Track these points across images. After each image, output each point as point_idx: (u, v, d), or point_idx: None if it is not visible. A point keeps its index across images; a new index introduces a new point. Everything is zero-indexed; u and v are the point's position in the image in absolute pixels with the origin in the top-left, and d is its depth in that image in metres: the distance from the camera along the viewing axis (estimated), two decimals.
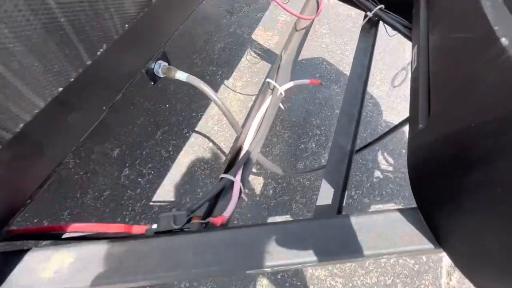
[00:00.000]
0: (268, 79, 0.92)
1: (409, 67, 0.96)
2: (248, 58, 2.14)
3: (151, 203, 1.53)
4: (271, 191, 1.56)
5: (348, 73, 2.01)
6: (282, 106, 1.02)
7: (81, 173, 1.60)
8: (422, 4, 0.79)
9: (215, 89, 1.97)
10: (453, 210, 0.45)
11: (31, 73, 0.36)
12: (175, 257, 0.51)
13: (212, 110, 1.84)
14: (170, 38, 0.86)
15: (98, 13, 0.41)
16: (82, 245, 0.53)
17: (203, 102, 1.87)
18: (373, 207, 1.53)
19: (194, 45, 2.26)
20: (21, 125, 0.38)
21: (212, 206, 0.74)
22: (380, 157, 1.67)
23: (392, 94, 1.88)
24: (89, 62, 0.42)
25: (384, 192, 1.56)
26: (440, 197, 0.48)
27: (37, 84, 0.37)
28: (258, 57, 2.14)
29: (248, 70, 2.05)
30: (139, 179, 1.59)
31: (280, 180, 1.59)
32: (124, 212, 1.49)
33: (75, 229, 0.62)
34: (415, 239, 0.51)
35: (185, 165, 1.64)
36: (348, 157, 0.79)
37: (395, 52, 2.12)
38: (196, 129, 1.77)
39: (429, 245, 0.50)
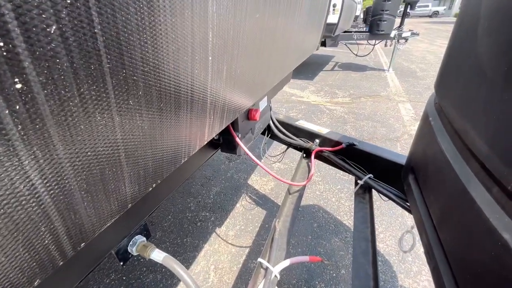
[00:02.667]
0: (260, 259, 0.79)
1: (414, 231, 0.86)
2: (243, 204, 2.11)
3: None
4: None
5: (346, 223, 1.91)
6: None
7: None
8: (413, 187, 0.80)
9: (206, 238, 1.80)
10: None
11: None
12: None
13: (197, 267, 1.58)
14: (153, 211, 0.81)
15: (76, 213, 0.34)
16: None
17: (189, 256, 1.65)
18: None
19: (190, 188, 2.31)
20: None
21: None
22: None
23: (403, 256, 1.69)
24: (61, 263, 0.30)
25: None
26: None
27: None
28: (253, 203, 2.12)
29: (242, 217, 1.96)
30: None
31: None
32: None
33: None
34: None
35: None
36: None
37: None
38: None
39: None
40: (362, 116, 3.72)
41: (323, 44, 5.11)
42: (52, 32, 0.24)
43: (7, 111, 0.23)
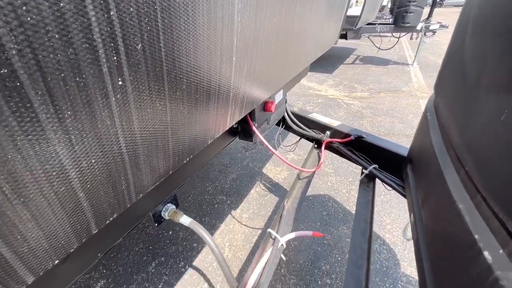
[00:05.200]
0: (269, 230, 0.92)
1: None
2: (257, 190, 2.25)
3: None
4: None
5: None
6: (283, 258, 0.97)
7: None
8: (410, 174, 0.88)
9: (222, 219, 1.97)
10: None
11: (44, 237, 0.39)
12: None
13: None
14: (183, 184, 0.96)
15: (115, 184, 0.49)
16: None
17: None
18: None
19: (209, 173, 2.48)
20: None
21: None
22: None
23: (407, 244, 1.76)
24: (95, 231, 0.45)
25: None
26: None
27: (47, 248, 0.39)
28: (267, 190, 2.26)
29: (255, 202, 2.11)
30: None
31: None
32: None
33: None
34: None
35: None
36: None
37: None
38: (194, 263, 1.63)
39: None
40: (380, 111, 3.69)
41: (344, 37, 5.03)
42: (138, 48, 0.37)
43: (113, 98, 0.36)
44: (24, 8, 0.24)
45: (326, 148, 1.43)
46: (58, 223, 0.39)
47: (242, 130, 1.18)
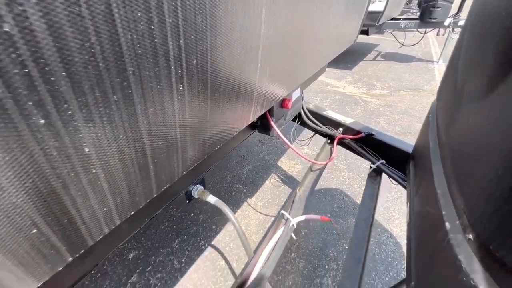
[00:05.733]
0: (282, 211, 1.06)
1: None
2: (272, 181, 2.39)
3: None
4: None
5: None
6: (294, 236, 1.10)
7: (92, 272, 1.61)
8: (411, 170, 0.98)
9: (238, 205, 2.14)
10: None
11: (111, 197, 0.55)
12: None
13: (231, 227, 1.93)
14: (211, 167, 1.12)
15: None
16: None
17: (224, 217, 2.00)
18: None
19: (227, 164, 2.66)
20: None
21: None
22: None
23: None
24: (155, 195, 0.61)
25: None
26: None
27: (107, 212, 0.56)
28: (281, 182, 2.39)
29: (270, 192, 2.26)
30: None
31: None
32: None
33: None
34: None
35: (193, 281, 1.58)
36: None
37: None
38: (213, 242, 1.81)
39: None
40: (399, 110, 3.67)
41: (365, 32, 4.96)
42: (194, 63, 0.51)
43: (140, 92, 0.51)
44: (136, 47, 0.39)
45: (338, 143, 1.53)
46: (138, 186, 0.55)
47: (261, 124, 1.32)
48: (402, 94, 4.23)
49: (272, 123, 1.22)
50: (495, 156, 0.38)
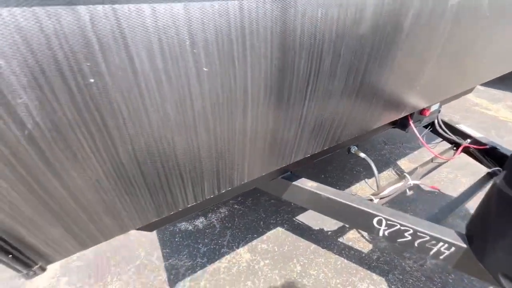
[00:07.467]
0: (405, 173, 1.72)
1: None
2: (388, 173, 2.92)
3: None
4: None
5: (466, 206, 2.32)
6: (408, 191, 1.74)
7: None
8: None
9: (357, 181, 2.84)
10: None
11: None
12: None
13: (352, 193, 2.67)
14: (358, 142, 1.91)
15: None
16: None
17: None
18: None
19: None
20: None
21: None
22: None
23: None
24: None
25: None
26: None
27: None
28: (397, 176, 2.88)
29: (385, 179, 2.82)
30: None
31: None
32: None
33: None
34: None
35: None
36: None
37: None
38: (304, 220, 2.63)
39: None
40: None
41: None
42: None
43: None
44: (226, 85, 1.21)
45: (462, 151, 1.95)
46: (263, 158, 1.41)
47: (401, 122, 1.96)
48: None
49: (411, 122, 1.85)
50: None
